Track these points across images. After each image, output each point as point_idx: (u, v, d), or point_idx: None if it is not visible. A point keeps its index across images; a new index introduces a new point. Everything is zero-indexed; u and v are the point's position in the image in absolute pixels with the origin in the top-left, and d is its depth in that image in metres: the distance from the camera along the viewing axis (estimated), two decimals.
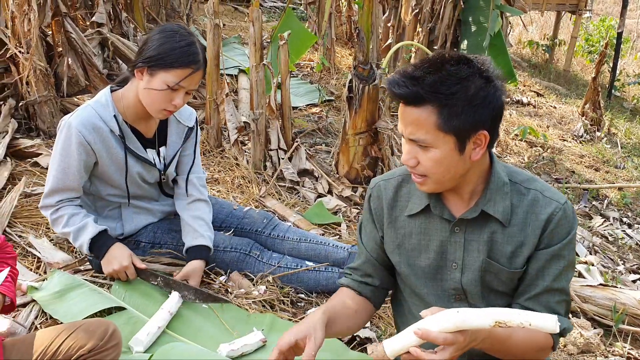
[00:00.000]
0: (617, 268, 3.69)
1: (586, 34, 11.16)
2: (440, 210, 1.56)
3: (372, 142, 3.61)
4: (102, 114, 2.22)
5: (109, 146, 2.24)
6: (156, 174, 2.41)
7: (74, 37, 3.59)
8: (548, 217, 1.51)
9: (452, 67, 1.40)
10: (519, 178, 1.57)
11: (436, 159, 1.44)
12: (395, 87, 1.40)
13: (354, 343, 2.23)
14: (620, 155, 6.32)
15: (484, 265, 1.54)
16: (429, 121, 1.39)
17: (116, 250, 2.26)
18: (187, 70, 2.13)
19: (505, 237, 1.53)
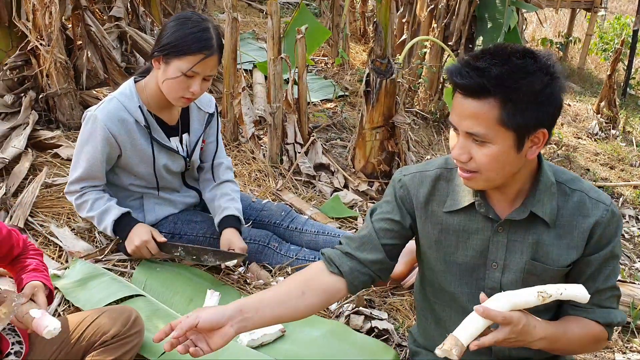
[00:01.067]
0: (634, 265, 3.67)
1: (601, 32, 11.06)
2: (486, 210, 1.52)
3: (388, 136, 3.61)
4: (127, 105, 2.26)
5: (133, 138, 2.28)
6: (181, 162, 2.44)
7: (93, 31, 3.61)
8: (597, 220, 1.49)
9: (519, 60, 1.34)
10: (563, 177, 1.54)
11: (493, 155, 1.38)
12: (457, 77, 1.35)
13: (372, 334, 2.24)
14: (636, 153, 6.27)
15: (527, 267, 1.53)
16: (490, 115, 1.34)
17: (137, 228, 2.31)
18: (199, 55, 2.15)
19: (552, 239, 1.51)
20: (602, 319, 1.52)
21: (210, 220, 2.52)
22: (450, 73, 1.38)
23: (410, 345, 1.93)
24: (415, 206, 1.62)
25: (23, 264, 1.76)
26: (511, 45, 1.39)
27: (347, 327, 2.21)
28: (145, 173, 2.38)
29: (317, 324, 2.21)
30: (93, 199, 2.32)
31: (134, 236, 2.29)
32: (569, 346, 1.48)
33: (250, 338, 2.01)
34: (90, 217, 2.35)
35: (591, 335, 1.51)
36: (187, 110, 2.45)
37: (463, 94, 1.36)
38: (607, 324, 1.53)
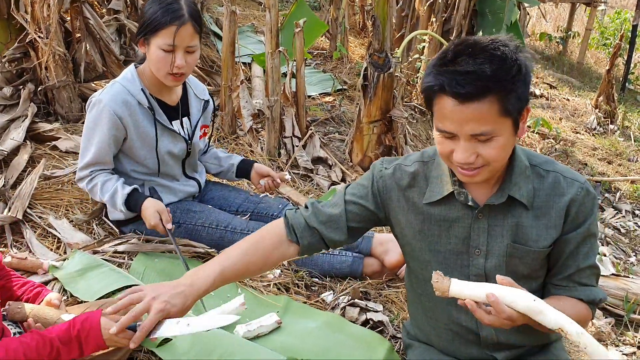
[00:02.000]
0: (629, 259, 3.70)
1: (601, 27, 11.06)
2: (465, 197, 1.55)
3: (386, 130, 3.62)
4: (130, 88, 2.32)
5: (136, 120, 2.33)
6: (183, 145, 2.50)
7: (92, 23, 3.62)
8: (572, 197, 1.52)
9: (496, 51, 1.36)
10: (537, 160, 1.58)
11: (500, 146, 1.41)
12: (458, 88, 1.34)
13: (367, 326, 2.26)
14: (634, 148, 6.30)
15: (509, 250, 1.55)
16: (492, 111, 1.36)
17: (145, 210, 2.30)
18: (171, 27, 2.20)
19: (530, 220, 1.54)
20: (585, 296, 1.56)
21: (209, 211, 2.55)
22: (444, 86, 1.36)
23: (404, 338, 1.95)
24: (393, 200, 1.65)
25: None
26: (471, 39, 1.41)
27: (342, 319, 2.23)
28: (147, 156, 2.42)
29: (313, 315, 2.23)
30: (102, 181, 2.35)
31: (145, 218, 2.32)
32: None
33: (247, 329, 2.03)
34: (103, 200, 2.38)
35: (579, 313, 1.53)
36: (186, 96, 2.52)
37: (461, 100, 1.36)
38: (590, 300, 1.56)
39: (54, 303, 1.76)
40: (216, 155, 2.78)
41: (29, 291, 1.83)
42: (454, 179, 1.57)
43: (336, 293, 2.46)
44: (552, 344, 1.75)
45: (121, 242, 2.44)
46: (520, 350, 1.69)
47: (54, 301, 1.77)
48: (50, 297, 1.78)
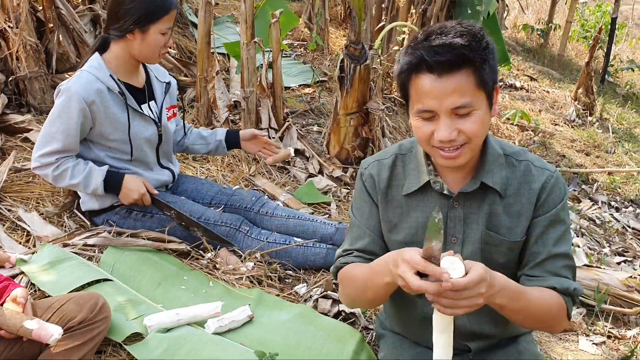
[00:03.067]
0: (603, 250, 3.73)
1: (582, 19, 11.13)
2: (440, 186, 1.56)
3: (363, 122, 3.61)
4: (98, 75, 2.34)
5: (107, 106, 2.35)
6: (154, 128, 2.52)
7: (64, 13, 3.56)
8: (541, 185, 1.54)
9: (465, 28, 1.39)
10: (509, 150, 1.59)
11: (479, 120, 1.43)
12: (437, 56, 1.36)
13: (340, 317, 2.26)
14: (611, 140, 6.35)
15: (483, 237, 1.56)
16: (469, 82, 1.38)
17: (130, 182, 2.42)
18: (172, 12, 2.36)
19: (502, 208, 1.55)
20: (559, 285, 1.51)
21: (182, 202, 2.54)
22: (424, 57, 1.38)
23: (377, 329, 1.96)
24: (378, 196, 1.66)
25: None
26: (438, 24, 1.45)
27: (314, 311, 2.23)
28: (119, 141, 2.42)
29: (285, 307, 2.23)
30: (72, 166, 2.35)
31: (130, 191, 2.40)
32: (530, 308, 1.45)
33: (218, 325, 2.02)
34: (74, 185, 2.37)
35: (551, 302, 1.49)
36: (149, 79, 2.57)
37: (439, 73, 1.38)
38: (564, 289, 1.51)
39: (19, 301, 1.73)
40: (200, 135, 2.82)
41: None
42: (429, 168, 1.57)
43: (309, 285, 2.46)
44: (521, 336, 1.76)
45: (92, 234, 2.41)
46: (492, 341, 1.70)
47: (19, 299, 1.72)
48: (16, 294, 1.74)
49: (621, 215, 4.51)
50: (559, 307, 1.51)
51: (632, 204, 4.90)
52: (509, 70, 7.68)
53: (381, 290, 1.50)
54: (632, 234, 4.24)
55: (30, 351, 1.71)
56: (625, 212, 4.63)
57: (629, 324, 2.79)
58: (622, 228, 4.28)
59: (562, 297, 1.51)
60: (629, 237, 4.16)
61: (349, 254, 1.69)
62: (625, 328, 2.75)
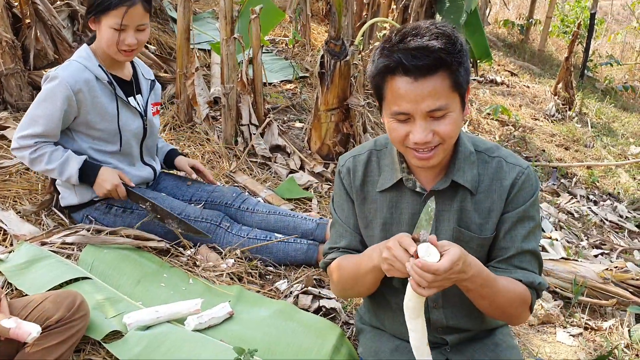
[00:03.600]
0: (581, 243, 3.78)
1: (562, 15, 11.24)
2: (412, 184, 1.58)
3: (343, 118, 3.62)
4: (87, 65, 2.35)
5: (95, 96, 2.36)
6: (140, 122, 2.53)
7: (41, 9, 3.52)
8: (512, 182, 1.56)
9: (439, 30, 1.40)
10: (482, 147, 1.61)
11: (454, 122, 1.44)
12: (415, 60, 1.36)
13: (320, 313, 2.27)
14: (590, 134, 6.43)
15: (455, 234, 1.58)
16: (444, 85, 1.39)
17: (105, 173, 2.39)
18: (122, 9, 2.28)
19: (473, 205, 1.57)
20: (524, 277, 1.56)
21: (162, 198, 2.53)
22: (402, 61, 1.37)
23: (357, 323, 1.97)
24: (353, 192, 1.68)
25: None
26: (411, 24, 1.45)
27: (294, 307, 2.24)
28: (108, 131, 2.42)
29: (265, 304, 2.24)
30: (50, 151, 2.34)
31: (103, 181, 2.37)
32: (497, 295, 1.50)
33: (198, 322, 2.02)
34: (49, 170, 2.36)
35: (516, 292, 1.54)
36: (136, 73, 2.57)
37: (415, 76, 1.38)
38: (529, 282, 1.56)
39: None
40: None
41: None
42: (402, 166, 1.59)
43: (290, 281, 2.47)
44: (498, 328, 1.79)
45: (70, 232, 2.40)
46: (469, 334, 1.73)
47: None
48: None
49: (599, 209, 4.57)
50: (523, 298, 1.55)
51: (610, 197, 4.97)
52: (490, 65, 7.74)
53: (368, 276, 1.58)
54: (610, 227, 4.30)
55: (7, 350, 1.70)
56: (603, 206, 4.69)
57: (605, 316, 2.83)
58: (600, 221, 4.34)
59: (526, 287, 1.56)
60: (607, 230, 4.22)
61: (336, 250, 1.74)
62: (602, 319, 2.79)
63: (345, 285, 1.69)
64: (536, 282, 1.57)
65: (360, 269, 1.60)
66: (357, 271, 1.61)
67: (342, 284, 1.70)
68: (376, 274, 1.56)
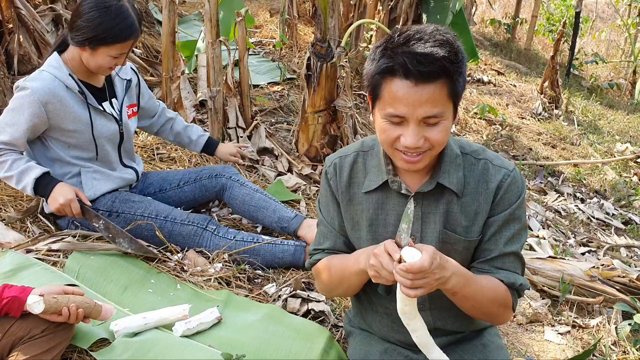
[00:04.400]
0: (568, 241, 3.81)
1: (547, 13, 11.32)
2: (398, 186, 1.58)
3: (331, 120, 3.62)
4: (57, 75, 2.32)
5: (66, 106, 2.33)
6: (115, 126, 2.50)
7: (24, 14, 3.49)
8: (498, 184, 1.56)
9: (442, 37, 1.40)
10: (469, 149, 1.61)
11: (446, 129, 1.45)
12: (420, 66, 1.36)
13: (309, 316, 2.27)
14: (577, 132, 6.48)
15: (441, 236, 1.58)
16: (442, 93, 1.40)
17: (61, 187, 2.34)
18: (128, 43, 2.32)
19: (459, 207, 1.57)
20: (506, 278, 1.58)
21: (148, 201, 2.53)
22: (405, 64, 1.37)
23: (346, 326, 1.97)
24: (339, 193, 1.68)
25: None
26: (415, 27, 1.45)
27: (283, 311, 2.24)
28: (82, 140, 2.41)
29: (253, 308, 2.23)
30: (12, 159, 2.31)
31: (58, 195, 2.31)
32: (479, 295, 1.52)
33: (186, 327, 2.01)
34: (8, 177, 2.33)
35: (498, 292, 1.56)
36: (109, 77, 2.55)
37: (416, 81, 1.38)
38: (510, 283, 1.58)
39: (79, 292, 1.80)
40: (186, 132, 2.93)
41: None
42: (388, 167, 1.59)
43: (278, 285, 2.46)
44: (486, 329, 1.80)
45: (56, 240, 2.38)
46: (458, 336, 1.74)
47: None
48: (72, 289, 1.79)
49: (586, 206, 4.61)
50: (505, 298, 1.57)
51: (597, 194, 5.01)
52: (477, 64, 7.77)
53: (354, 278, 1.60)
54: (597, 225, 4.33)
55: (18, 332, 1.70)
56: (590, 203, 4.73)
57: (592, 313, 2.86)
58: (587, 219, 4.38)
59: (507, 289, 1.58)
60: (594, 228, 4.25)
61: (320, 251, 1.75)
62: (589, 317, 2.81)
63: (331, 285, 1.71)
64: (517, 282, 1.59)
65: (346, 270, 1.61)
66: (343, 272, 1.63)
67: (328, 284, 1.71)
68: (362, 277, 1.57)
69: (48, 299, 1.68)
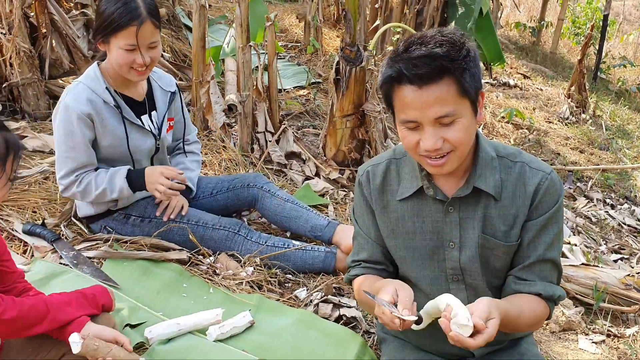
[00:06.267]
0: (600, 248, 3.74)
1: (573, 16, 11.16)
2: (434, 192, 1.57)
3: (359, 124, 3.61)
4: (94, 87, 2.29)
5: (103, 119, 2.30)
6: (152, 140, 2.47)
7: (57, 19, 3.54)
8: (536, 187, 1.54)
9: (444, 37, 1.40)
10: (504, 152, 1.59)
11: (464, 127, 1.43)
12: (415, 69, 1.37)
13: (341, 322, 2.26)
14: (605, 137, 6.37)
15: (480, 241, 1.56)
16: (451, 92, 1.39)
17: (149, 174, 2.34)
18: (131, 29, 2.19)
19: (497, 211, 1.55)
20: (544, 291, 1.57)
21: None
22: (402, 70, 1.39)
23: (379, 332, 1.96)
24: (373, 202, 1.67)
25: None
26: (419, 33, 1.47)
27: (314, 315, 2.23)
28: (118, 155, 2.39)
29: (285, 313, 2.23)
30: (93, 177, 2.32)
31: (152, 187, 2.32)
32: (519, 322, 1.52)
33: (220, 332, 2.01)
34: (102, 194, 2.33)
35: (536, 313, 1.56)
36: (151, 90, 2.49)
37: (419, 84, 1.39)
38: (549, 297, 1.57)
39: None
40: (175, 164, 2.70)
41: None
42: (422, 173, 1.58)
43: (309, 289, 2.46)
44: (523, 338, 1.78)
45: (91, 245, 2.40)
46: (495, 345, 1.71)
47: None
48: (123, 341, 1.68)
49: (616, 213, 4.53)
50: (543, 314, 1.58)
51: (627, 200, 4.92)
52: (503, 68, 7.70)
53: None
54: (628, 231, 4.25)
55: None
56: (621, 210, 4.64)
57: (627, 322, 2.80)
58: (618, 225, 4.30)
59: (546, 303, 1.58)
60: (625, 234, 4.18)
61: (357, 265, 1.74)
62: (624, 326, 2.76)
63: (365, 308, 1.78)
64: (555, 295, 1.59)
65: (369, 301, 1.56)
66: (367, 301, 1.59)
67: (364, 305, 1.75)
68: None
69: (87, 344, 1.59)
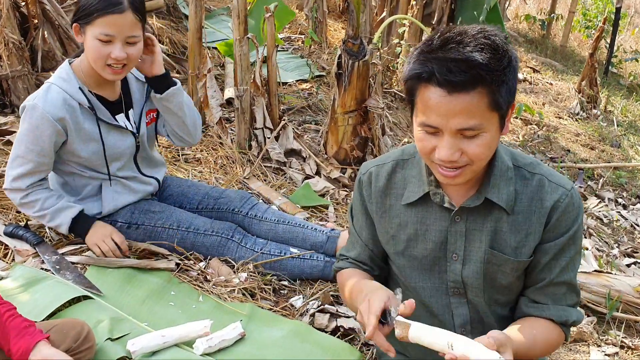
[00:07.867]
0: (612, 251, 3.60)
1: (584, 9, 10.94)
2: (441, 199, 1.45)
3: (361, 121, 3.47)
4: (66, 89, 2.13)
5: (77, 122, 2.15)
6: (131, 139, 2.31)
7: (49, 9, 3.41)
8: (554, 204, 1.41)
9: (487, 40, 1.25)
10: (522, 162, 1.47)
11: (486, 143, 1.30)
12: (450, 76, 1.22)
13: (338, 333, 2.14)
14: (616, 133, 6.21)
15: (486, 257, 1.45)
16: (481, 104, 1.25)
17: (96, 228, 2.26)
18: (108, 17, 2.02)
19: (509, 226, 1.44)
20: (557, 317, 1.47)
21: (170, 211, 2.41)
22: (434, 73, 1.24)
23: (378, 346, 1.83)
24: (373, 204, 1.57)
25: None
26: (459, 27, 1.31)
27: (310, 327, 2.11)
28: (93, 158, 2.23)
29: (279, 323, 2.11)
30: (44, 197, 2.20)
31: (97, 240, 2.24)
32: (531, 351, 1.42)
33: (208, 345, 1.89)
34: (41, 216, 2.22)
35: (550, 340, 1.47)
36: (126, 83, 2.32)
37: (449, 90, 1.24)
38: (563, 322, 1.48)
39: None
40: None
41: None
42: (430, 178, 1.47)
43: (306, 297, 2.33)
44: None
45: (75, 249, 2.28)
46: None
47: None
48: None
49: (629, 213, 4.38)
50: (558, 341, 1.50)
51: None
52: None
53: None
54: None
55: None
56: (633, 210, 4.49)
57: None
58: (631, 227, 4.15)
59: (560, 329, 1.49)
60: (638, 236, 4.03)
61: (345, 259, 1.70)
62: (639, 337, 2.62)
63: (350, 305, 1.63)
64: (570, 320, 1.48)
65: (353, 299, 1.52)
66: (351, 300, 1.54)
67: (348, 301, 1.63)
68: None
69: None
